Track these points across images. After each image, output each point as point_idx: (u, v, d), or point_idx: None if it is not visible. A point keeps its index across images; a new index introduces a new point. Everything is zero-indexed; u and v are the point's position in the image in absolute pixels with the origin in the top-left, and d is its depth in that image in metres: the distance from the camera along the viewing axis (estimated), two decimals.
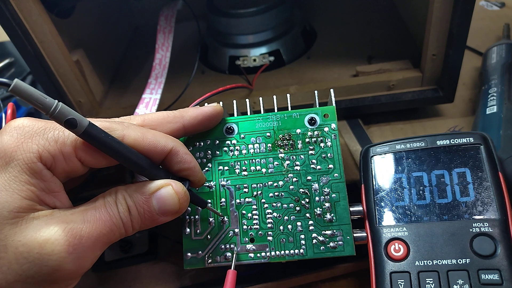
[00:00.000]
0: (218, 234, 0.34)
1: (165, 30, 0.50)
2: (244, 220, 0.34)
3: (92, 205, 0.27)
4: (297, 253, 0.32)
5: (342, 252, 0.32)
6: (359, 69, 0.49)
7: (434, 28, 0.42)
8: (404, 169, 0.34)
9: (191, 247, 0.34)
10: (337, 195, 0.33)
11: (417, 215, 0.32)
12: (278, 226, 0.33)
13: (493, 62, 0.49)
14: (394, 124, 0.50)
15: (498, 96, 0.43)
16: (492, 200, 0.30)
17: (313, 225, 0.33)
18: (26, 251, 0.24)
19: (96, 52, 0.54)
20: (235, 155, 0.35)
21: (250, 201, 0.34)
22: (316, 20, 0.62)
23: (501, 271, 0.28)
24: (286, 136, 0.34)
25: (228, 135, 0.35)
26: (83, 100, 0.49)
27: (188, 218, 0.34)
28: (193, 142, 0.36)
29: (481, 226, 0.29)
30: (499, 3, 0.67)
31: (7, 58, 0.75)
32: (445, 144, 0.33)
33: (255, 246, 0.33)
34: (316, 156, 0.34)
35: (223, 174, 0.35)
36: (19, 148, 0.25)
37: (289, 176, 0.34)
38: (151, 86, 0.47)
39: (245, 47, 0.55)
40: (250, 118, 0.35)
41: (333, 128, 0.34)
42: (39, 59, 0.44)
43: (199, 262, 0.33)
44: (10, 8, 0.40)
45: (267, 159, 0.34)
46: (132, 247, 0.41)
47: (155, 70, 0.48)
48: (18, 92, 0.22)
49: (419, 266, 0.30)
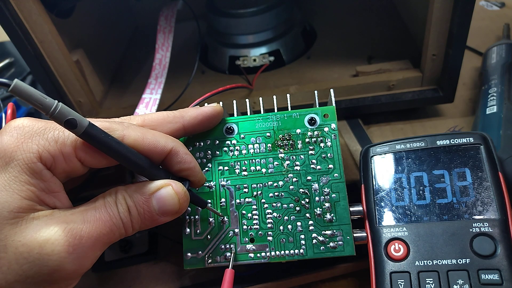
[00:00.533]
0: (218, 234, 0.34)
1: (165, 30, 0.50)
2: (244, 220, 0.34)
3: (92, 205, 0.27)
4: (297, 253, 0.32)
5: (342, 252, 0.32)
6: (359, 69, 0.49)
7: (434, 28, 0.42)
8: (404, 169, 0.34)
9: (191, 247, 0.34)
10: (337, 195, 0.33)
11: (417, 215, 0.32)
12: (278, 226, 0.33)
13: (493, 62, 0.49)
14: (394, 124, 0.50)
15: (498, 96, 0.43)
16: (492, 200, 0.30)
17: (313, 225, 0.33)
18: (26, 251, 0.24)
19: (96, 52, 0.54)
20: (235, 155, 0.35)
21: (250, 201, 0.34)
22: (316, 20, 0.62)
23: (501, 271, 0.28)
24: (286, 136, 0.34)
25: (228, 135, 0.35)
26: (83, 100, 0.49)
27: (188, 218, 0.34)
28: (193, 142, 0.36)
29: (481, 226, 0.29)
30: (499, 3, 0.67)
31: (7, 58, 0.75)
32: (445, 144, 0.33)
33: (255, 246, 0.33)
34: (316, 156, 0.34)
35: (223, 174, 0.35)
36: (19, 148, 0.25)
37: (289, 176, 0.34)
38: (151, 86, 0.47)
39: (245, 47, 0.55)
40: (250, 118, 0.35)
41: (333, 128, 0.34)
42: (39, 59, 0.44)
43: (199, 262, 0.33)
44: (10, 8, 0.40)
45: (267, 159, 0.34)
46: (132, 247, 0.41)
47: (155, 70, 0.48)
48: (18, 92, 0.22)
49: (419, 266, 0.30)
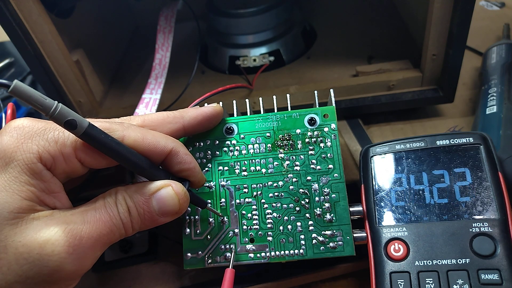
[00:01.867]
0: (218, 234, 0.34)
1: (165, 30, 0.50)
2: (244, 220, 0.34)
3: (92, 206, 0.27)
4: (297, 253, 0.32)
5: (342, 252, 0.32)
6: (359, 69, 0.49)
7: (434, 28, 0.42)
8: (404, 169, 0.34)
9: (191, 247, 0.34)
10: (337, 195, 0.33)
11: (417, 215, 0.32)
12: (278, 226, 0.33)
13: (493, 62, 0.49)
14: (394, 124, 0.50)
15: (498, 96, 0.43)
16: (491, 200, 0.30)
17: (313, 225, 0.33)
18: (26, 252, 0.24)
19: (96, 52, 0.54)
20: (235, 155, 0.35)
21: (250, 201, 0.34)
22: (316, 20, 0.62)
23: (501, 271, 0.28)
24: (286, 136, 0.34)
25: (228, 135, 0.35)
26: (83, 100, 0.49)
27: (188, 218, 0.34)
28: (193, 143, 0.36)
29: (481, 226, 0.29)
30: (499, 3, 0.67)
31: (7, 58, 0.75)
32: (445, 144, 0.33)
33: (255, 246, 0.33)
34: (316, 156, 0.34)
35: (223, 174, 0.35)
36: (19, 149, 0.25)
37: (289, 176, 0.34)
38: (151, 86, 0.47)
39: (245, 47, 0.55)
40: (250, 118, 0.35)
41: (333, 128, 0.34)
42: (39, 59, 0.44)
43: (199, 263, 0.33)
44: (10, 8, 0.40)
45: (267, 159, 0.34)
46: (132, 247, 0.41)
47: (155, 70, 0.48)
48: (18, 93, 0.22)
49: (419, 266, 0.30)
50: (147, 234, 0.42)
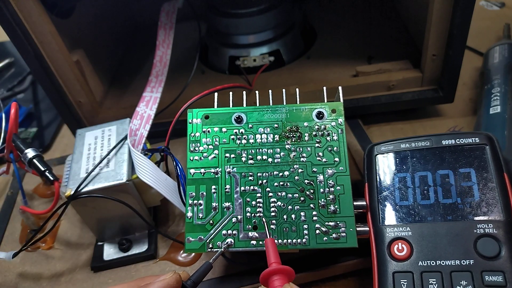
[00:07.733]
0: (220, 220, 0.33)
1: (166, 26, 0.50)
2: (248, 207, 0.33)
3: None
4: (300, 242, 0.32)
5: (345, 244, 0.32)
6: (359, 69, 0.49)
7: (434, 28, 0.42)
8: (409, 168, 0.33)
9: (193, 231, 0.34)
10: (341, 188, 0.33)
11: (421, 215, 0.31)
12: (281, 215, 0.33)
13: (496, 62, 0.49)
14: (394, 124, 0.50)
15: (502, 96, 0.43)
16: (497, 201, 0.30)
17: (317, 215, 0.33)
18: None
19: (96, 52, 0.54)
20: (242, 143, 0.35)
21: (255, 189, 0.34)
22: (316, 20, 0.62)
23: (505, 273, 0.28)
24: (294, 128, 0.35)
25: (237, 124, 0.35)
26: (83, 100, 0.49)
27: (192, 202, 0.34)
28: (201, 128, 0.36)
29: (485, 227, 0.29)
30: (499, 3, 0.68)
31: (7, 58, 0.75)
32: (451, 144, 0.33)
33: (258, 234, 0.33)
34: (322, 149, 0.34)
35: (229, 161, 0.35)
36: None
37: (294, 166, 0.34)
38: (151, 84, 0.47)
39: (245, 47, 0.55)
40: (259, 109, 0.36)
41: (340, 123, 0.34)
42: (39, 59, 0.44)
43: (201, 247, 0.33)
44: (10, 8, 0.40)
45: (274, 149, 0.34)
46: (132, 247, 0.41)
47: (155, 68, 0.48)
48: None
49: (422, 266, 0.30)
50: (147, 234, 0.42)
